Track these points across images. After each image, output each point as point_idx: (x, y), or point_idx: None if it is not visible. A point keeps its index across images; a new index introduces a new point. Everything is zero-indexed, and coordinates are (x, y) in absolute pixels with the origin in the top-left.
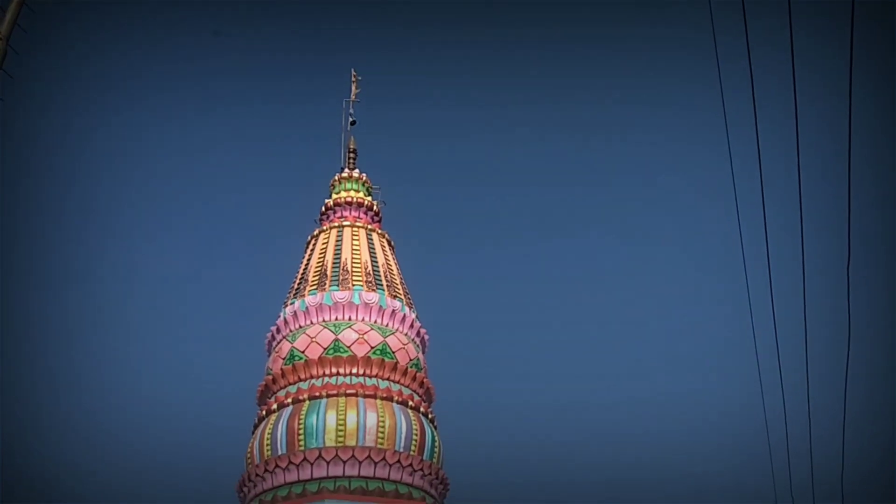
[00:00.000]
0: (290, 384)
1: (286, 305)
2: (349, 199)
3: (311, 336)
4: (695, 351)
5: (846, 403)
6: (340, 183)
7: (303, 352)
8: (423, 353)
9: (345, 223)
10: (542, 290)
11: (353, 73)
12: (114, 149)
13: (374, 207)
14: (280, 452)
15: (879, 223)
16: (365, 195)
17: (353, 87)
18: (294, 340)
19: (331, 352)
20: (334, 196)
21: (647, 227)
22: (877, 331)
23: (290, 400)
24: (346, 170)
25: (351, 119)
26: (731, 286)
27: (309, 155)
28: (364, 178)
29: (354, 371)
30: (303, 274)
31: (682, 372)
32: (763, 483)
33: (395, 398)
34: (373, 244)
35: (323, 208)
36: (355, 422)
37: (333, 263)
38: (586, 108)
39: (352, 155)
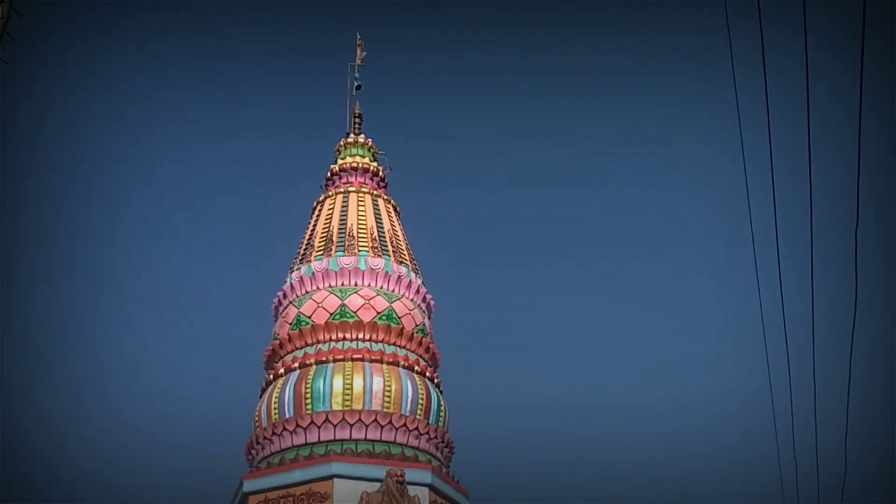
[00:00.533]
0: (296, 349)
1: (292, 271)
2: (355, 165)
3: (318, 301)
4: (699, 351)
5: (848, 405)
6: (346, 148)
7: (309, 317)
8: (429, 318)
9: (350, 189)
10: (546, 283)
11: (359, 37)
12: (118, 122)
13: (380, 173)
14: (287, 416)
15: (884, 228)
16: (371, 160)
17: (359, 52)
18: (300, 306)
19: (337, 317)
20: (340, 161)
21: (653, 228)
22: (879, 330)
23: (297, 364)
24: (352, 135)
25: (356, 84)
26: (737, 287)
27: (314, 120)
28: (370, 144)
29: (361, 336)
30: (309, 240)
31: (686, 372)
32: (767, 483)
33: (401, 363)
34: (378, 210)
35: (328, 174)
36: (362, 386)
37: (339, 229)
38: (594, 106)
39: (357, 120)
